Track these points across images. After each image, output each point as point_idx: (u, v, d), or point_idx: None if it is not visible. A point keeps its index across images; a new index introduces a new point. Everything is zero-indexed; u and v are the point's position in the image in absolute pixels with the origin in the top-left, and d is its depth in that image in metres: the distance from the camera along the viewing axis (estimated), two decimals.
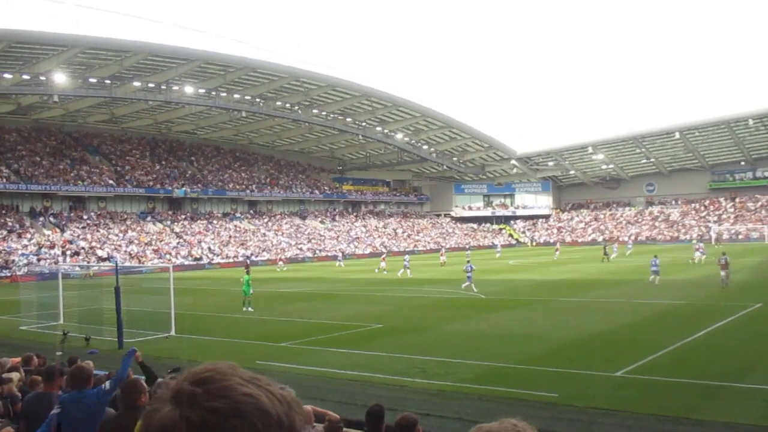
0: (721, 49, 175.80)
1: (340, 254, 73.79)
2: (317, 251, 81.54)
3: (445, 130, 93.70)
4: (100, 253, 63.67)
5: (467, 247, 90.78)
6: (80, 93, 65.83)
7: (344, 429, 7.72)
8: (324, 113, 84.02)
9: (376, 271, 53.36)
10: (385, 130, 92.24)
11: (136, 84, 67.11)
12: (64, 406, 6.37)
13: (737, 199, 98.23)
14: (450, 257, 64.51)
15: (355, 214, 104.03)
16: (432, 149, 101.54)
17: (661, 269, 37.12)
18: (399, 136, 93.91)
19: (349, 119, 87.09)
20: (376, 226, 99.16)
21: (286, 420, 1.22)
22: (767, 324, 22.76)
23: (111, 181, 76.35)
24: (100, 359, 16.31)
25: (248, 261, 59.48)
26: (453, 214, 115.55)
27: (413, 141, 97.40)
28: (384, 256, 60.56)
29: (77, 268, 56.22)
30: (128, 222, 74.87)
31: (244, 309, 30.26)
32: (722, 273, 33.72)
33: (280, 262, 66.35)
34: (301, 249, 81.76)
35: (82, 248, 64.11)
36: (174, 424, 1.18)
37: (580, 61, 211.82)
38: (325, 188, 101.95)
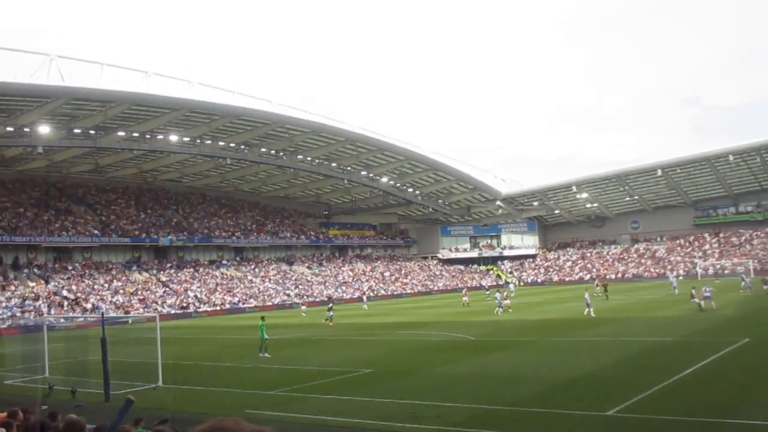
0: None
1: (364, 297, 73.15)
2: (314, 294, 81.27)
3: (429, 172, 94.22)
4: (85, 304, 63.09)
5: (487, 286, 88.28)
6: (64, 144, 65.74)
7: None
8: (309, 158, 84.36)
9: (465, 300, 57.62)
10: (371, 174, 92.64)
11: (121, 134, 67.19)
12: None
13: (721, 234, 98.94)
14: (442, 299, 64.24)
15: (342, 258, 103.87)
16: (417, 192, 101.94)
17: (643, 307, 37.18)
18: (384, 179, 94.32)
19: (334, 164, 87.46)
20: (363, 270, 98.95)
21: None
22: (755, 359, 22.80)
23: (96, 231, 75.97)
24: (86, 412, 16.08)
25: (331, 300, 60.08)
26: (440, 256, 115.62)
27: (398, 184, 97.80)
28: (465, 291, 65.55)
29: (62, 320, 55.68)
30: (114, 272, 74.35)
31: (260, 355, 29.99)
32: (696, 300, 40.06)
33: (303, 306, 65.34)
34: (288, 295, 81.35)
35: (67, 299, 63.53)
36: None
37: (563, 96, 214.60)
38: (312, 233, 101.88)
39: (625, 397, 17.17)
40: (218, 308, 71.58)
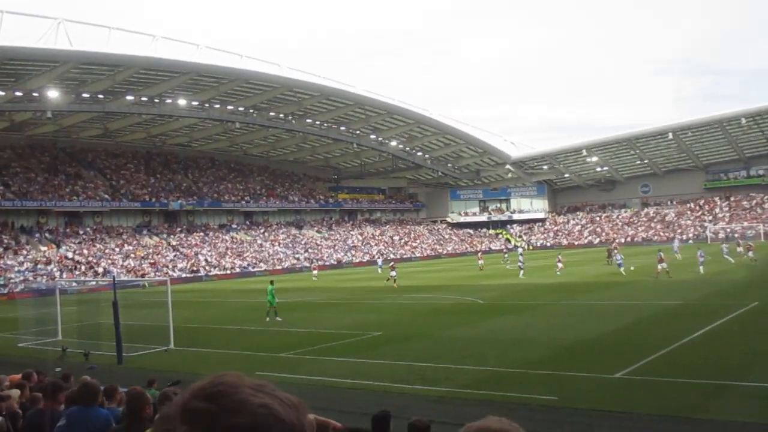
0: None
1: (379, 260, 72.77)
2: (316, 259, 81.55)
3: (439, 136, 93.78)
4: (96, 268, 63.58)
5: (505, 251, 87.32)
6: (73, 108, 65.74)
7: None
8: (318, 122, 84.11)
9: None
10: (380, 138, 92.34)
11: (129, 98, 67.06)
12: (70, 421, 6.26)
13: (732, 198, 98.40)
14: (452, 263, 64.30)
15: (351, 222, 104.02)
16: (427, 156, 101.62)
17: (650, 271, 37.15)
18: (393, 143, 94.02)
19: (343, 128, 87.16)
20: (372, 234, 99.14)
21: (298, 424, 1.22)
22: (764, 322, 22.81)
23: (106, 196, 76.26)
24: (99, 374, 16.28)
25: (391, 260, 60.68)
26: (449, 220, 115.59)
27: (408, 148, 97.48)
28: (480, 254, 66.03)
29: (74, 284, 56.14)
30: (124, 236, 74.76)
31: (268, 319, 30.30)
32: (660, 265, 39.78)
33: (315, 271, 64.33)
34: (297, 259, 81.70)
35: (79, 263, 64.01)
36: None
37: (573, 59, 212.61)
38: (321, 197, 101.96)
39: (634, 359, 17.25)
40: (228, 272, 72.02)
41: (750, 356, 17.51)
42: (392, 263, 51.29)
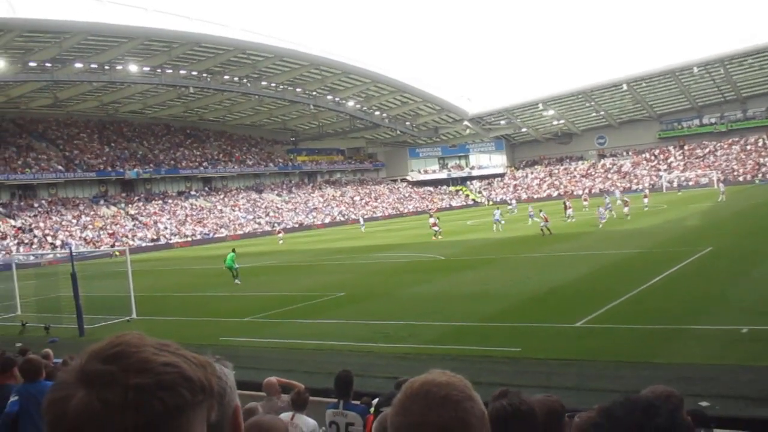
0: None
1: (361, 219, 74.22)
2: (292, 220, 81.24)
3: (396, 95, 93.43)
4: (54, 241, 62.57)
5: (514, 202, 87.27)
6: (20, 78, 63.94)
7: (312, 398, 7.80)
8: (273, 85, 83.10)
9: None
10: (336, 99, 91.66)
11: (78, 65, 65.41)
12: (21, 396, 6.44)
13: (686, 147, 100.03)
14: (413, 221, 64.33)
15: (311, 184, 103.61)
16: (384, 115, 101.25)
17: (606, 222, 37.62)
18: (350, 103, 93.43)
19: (299, 89, 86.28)
20: (333, 196, 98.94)
21: (207, 383, 1.15)
22: (718, 267, 23.37)
23: (60, 167, 74.73)
24: (61, 347, 16.13)
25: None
26: (409, 178, 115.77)
27: (365, 108, 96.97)
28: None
29: (31, 257, 55.26)
30: (81, 207, 73.53)
31: (235, 282, 30.43)
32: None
33: (280, 234, 63.42)
34: (259, 223, 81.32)
35: (35, 237, 62.92)
36: (94, 411, 1.04)
37: (523, 17, 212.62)
38: (280, 160, 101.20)
39: (594, 308, 17.60)
40: (189, 239, 71.45)
41: (703, 300, 17.95)
42: (432, 214, 50.76)
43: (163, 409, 1.07)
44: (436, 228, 46.72)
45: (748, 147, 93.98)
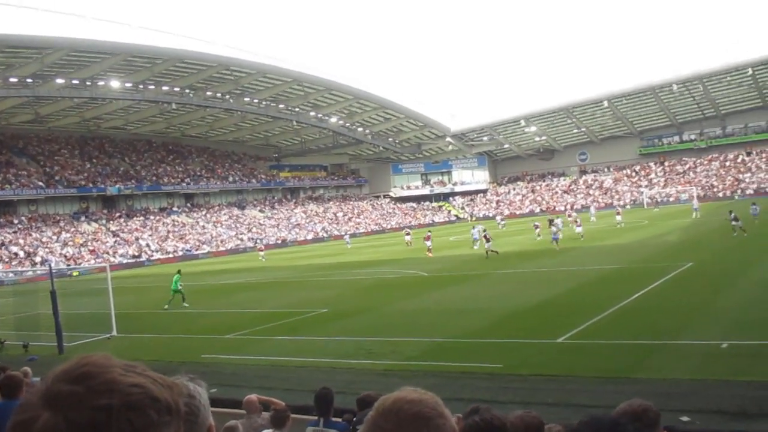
0: (642, 17, 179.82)
1: (347, 236, 73.00)
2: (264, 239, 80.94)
3: (379, 111, 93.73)
4: (34, 257, 61.98)
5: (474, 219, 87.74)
6: (1, 94, 63.51)
7: (292, 416, 7.77)
8: (256, 101, 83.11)
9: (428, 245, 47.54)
10: (319, 115, 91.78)
11: (60, 81, 65.09)
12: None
13: (666, 163, 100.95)
14: (396, 237, 64.41)
15: (294, 200, 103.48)
16: (367, 131, 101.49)
17: (589, 237, 37.83)
18: (333, 119, 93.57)
19: (282, 106, 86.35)
20: (316, 212, 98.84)
21: (174, 404, 1.14)
22: (698, 282, 23.54)
23: (40, 183, 74.13)
24: (40, 365, 15.96)
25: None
26: (392, 194, 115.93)
27: (348, 124, 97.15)
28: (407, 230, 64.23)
29: (11, 274, 54.69)
30: (61, 224, 72.92)
31: (167, 306, 29.49)
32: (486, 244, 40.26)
33: (261, 251, 62.50)
34: (241, 239, 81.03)
35: (15, 254, 62.30)
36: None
37: (505, 34, 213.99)
38: (262, 176, 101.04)
39: (575, 324, 17.67)
40: (171, 256, 71.04)
41: (684, 316, 18.07)
42: (428, 233, 49.65)
43: (130, 430, 1.06)
44: (428, 243, 46.46)
45: (727, 163, 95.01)
